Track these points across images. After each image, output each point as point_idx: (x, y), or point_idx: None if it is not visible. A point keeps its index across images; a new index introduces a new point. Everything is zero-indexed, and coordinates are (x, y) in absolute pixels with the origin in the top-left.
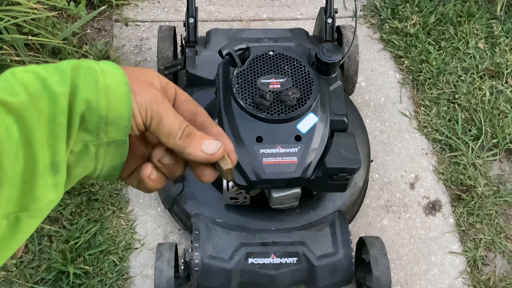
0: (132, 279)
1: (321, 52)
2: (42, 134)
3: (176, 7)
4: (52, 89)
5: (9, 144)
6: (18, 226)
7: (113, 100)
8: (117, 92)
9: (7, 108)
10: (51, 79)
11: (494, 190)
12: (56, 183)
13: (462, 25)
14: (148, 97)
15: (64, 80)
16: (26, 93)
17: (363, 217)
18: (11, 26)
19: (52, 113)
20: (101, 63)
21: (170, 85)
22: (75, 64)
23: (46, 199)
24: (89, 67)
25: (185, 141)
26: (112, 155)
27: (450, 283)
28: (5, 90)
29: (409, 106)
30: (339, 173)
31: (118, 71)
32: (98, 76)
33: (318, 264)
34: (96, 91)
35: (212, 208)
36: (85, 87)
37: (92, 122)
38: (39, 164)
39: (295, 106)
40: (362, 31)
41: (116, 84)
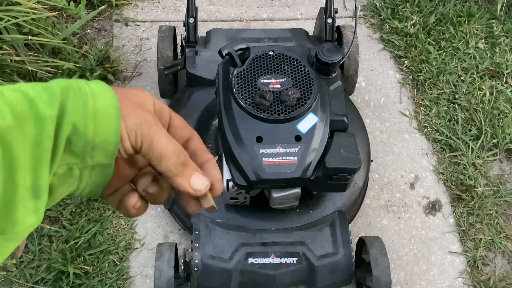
0: (132, 279)
1: (321, 52)
2: (25, 158)
3: (176, 7)
4: (40, 111)
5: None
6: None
7: (101, 125)
8: (106, 117)
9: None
10: (40, 101)
11: (494, 190)
12: (37, 207)
13: (462, 25)
14: (139, 120)
15: (52, 102)
16: (13, 114)
17: (363, 217)
18: (11, 26)
19: (38, 137)
20: (92, 84)
21: (164, 109)
22: (65, 86)
23: (25, 224)
24: (80, 88)
25: (178, 169)
26: (96, 176)
27: (450, 283)
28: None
29: (409, 106)
30: (339, 173)
31: (109, 94)
32: (88, 99)
33: (318, 264)
34: (84, 115)
35: None
36: (73, 110)
37: (78, 146)
38: (20, 188)
39: (295, 106)
40: (362, 31)
41: (105, 108)
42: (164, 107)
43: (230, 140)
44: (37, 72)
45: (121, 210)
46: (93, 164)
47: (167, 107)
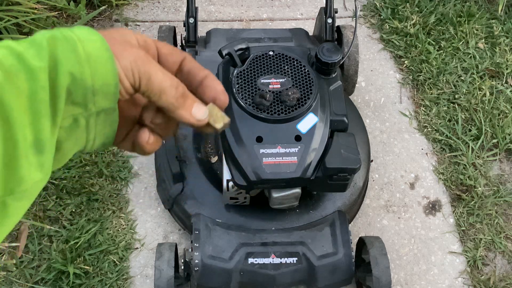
0: (132, 279)
1: (321, 52)
2: (21, 112)
3: (176, 7)
4: (30, 64)
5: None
6: (6, 211)
7: (97, 68)
8: (99, 59)
9: None
10: (27, 54)
11: (494, 190)
12: (42, 162)
13: (462, 25)
14: (132, 57)
15: (41, 54)
16: (2, 70)
17: (363, 217)
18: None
19: (32, 89)
20: (76, 29)
21: (149, 42)
22: (50, 36)
23: (31, 180)
24: (65, 37)
25: (179, 101)
26: (102, 124)
27: (450, 283)
28: None
29: (409, 106)
30: (339, 173)
31: (96, 36)
32: (77, 45)
33: (318, 264)
34: (78, 61)
35: (212, 208)
36: (66, 59)
37: (78, 95)
38: (20, 144)
39: (295, 106)
40: (362, 31)
41: (96, 50)
42: (148, 39)
43: (230, 140)
44: None
45: (137, 150)
46: (97, 110)
47: (150, 39)
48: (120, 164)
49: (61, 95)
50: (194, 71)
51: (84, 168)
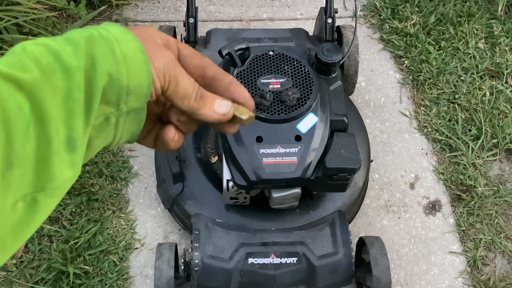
0: (132, 279)
1: (321, 52)
2: (56, 111)
3: (176, 7)
4: (66, 63)
5: (20, 123)
6: (36, 207)
7: (132, 69)
8: (135, 60)
9: (18, 84)
10: (64, 53)
11: (494, 190)
12: (73, 160)
13: (462, 25)
14: (165, 60)
15: (78, 53)
16: (38, 68)
17: (363, 217)
18: (11, 26)
19: (67, 88)
20: (110, 28)
21: (171, 41)
22: (88, 35)
23: (62, 178)
24: (102, 36)
25: (199, 103)
26: (130, 122)
27: (450, 283)
28: (16, 66)
29: (409, 106)
30: (339, 173)
31: (130, 37)
32: (114, 45)
33: (318, 264)
34: (115, 62)
35: (212, 208)
36: (103, 59)
37: (113, 94)
38: (53, 141)
39: (295, 106)
40: (362, 31)
41: (132, 51)
42: (170, 38)
43: (230, 140)
44: None
45: (159, 146)
46: (128, 110)
47: (172, 39)
48: (120, 164)
49: (96, 95)
50: (219, 76)
51: (84, 168)
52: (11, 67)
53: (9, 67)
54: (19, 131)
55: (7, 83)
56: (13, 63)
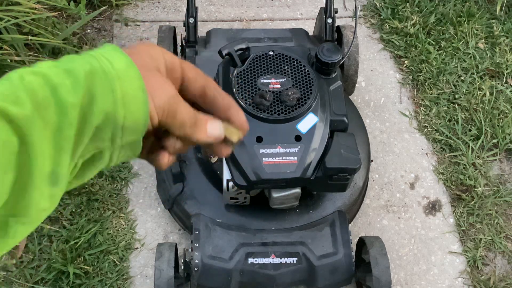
0: (132, 279)
1: (321, 52)
2: (44, 146)
3: (176, 7)
4: (62, 98)
5: (5, 155)
6: (6, 230)
7: (131, 109)
8: (135, 100)
9: (8, 118)
10: (62, 87)
11: (494, 190)
12: (53, 194)
13: (462, 25)
14: (166, 97)
15: (76, 88)
16: (32, 102)
17: (363, 217)
18: (11, 26)
19: (59, 124)
20: (115, 59)
21: (176, 65)
22: (90, 70)
23: (38, 208)
24: (105, 71)
25: (193, 129)
26: (125, 152)
27: (450, 283)
28: (9, 98)
29: (409, 106)
30: (339, 173)
31: (133, 72)
32: (115, 83)
33: (318, 264)
34: (114, 101)
35: (212, 208)
36: (102, 98)
37: (107, 132)
38: (36, 175)
39: (295, 106)
40: (362, 31)
41: (133, 91)
42: (175, 61)
43: None
44: None
45: (153, 163)
46: (123, 144)
47: (178, 60)
48: (120, 164)
49: (88, 133)
50: (218, 99)
51: None
52: (5, 99)
53: (2, 99)
54: (2, 163)
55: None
56: (7, 95)
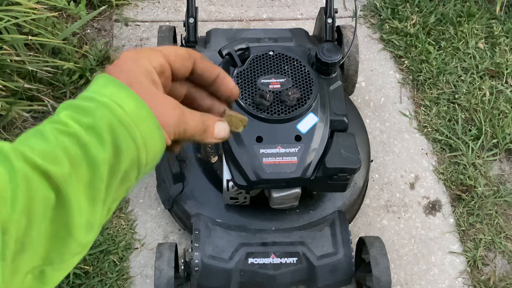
0: (132, 279)
1: (321, 52)
2: (79, 199)
3: (176, 7)
4: (93, 155)
5: (43, 212)
6: (43, 279)
7: (151, 148)
8: (153, 140)
9: (48, 177)
10: (92, 145)
11: (494, 190)
12: (88, 240)
13: (462, 25)
14: (175, 121)
15: (104, 145)
16: (68, 160)
17: (363, 217)
18: (11, 26)
19: (91, 179)
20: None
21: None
22: (109, 124)
23: (72, 254)
24: (122, 122)
25: (201, 136)
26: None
27: (450, 283)
28: (49, 157)
29: (409, 106)
30: (339, 173)
31: (145, 111)
32: (134, 131)
33: (318, 264)
34: (137, 148)
35: (212, 208)
36: (127, 149)
37: (134, 172)
38: (72, 227)
39: (295, 106)
40: (362, 31)
41: (150, 132)
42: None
43: (230, 140)
44: (37, 72)
45: None
46: (145, 172)
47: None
48: None
49: (117, 181)
50: (207, 73)
51: None
52: (45, 158)
53: (43, 159)
54: (40, 219)
55: (39, 174)
56: (47, 154)
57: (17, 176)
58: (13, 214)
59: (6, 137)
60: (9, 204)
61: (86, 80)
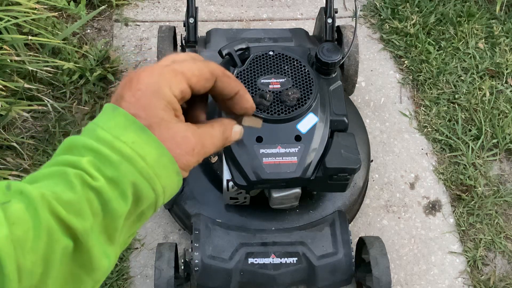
0: (132, 279)
1: (321, 52)
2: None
3: (176, 7)
4: (115, 209)
5: (61, 261)
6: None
7: (168, 193)
8: (172, 185)
9: (70, 230)
10: (114, 201)
11: (494, 190)
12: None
13: (462, 25)
14: (195, 160)
15: (126, 200)
16: (91, 213)
17: (363, 217)
18: (11, 26)
19: (110, 225)
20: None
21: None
22: (132, 180)
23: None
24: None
25: (225, 142)
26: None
27: (450, 283)
28: (73, 209)
29: (409, 106)
30: (339, 173)
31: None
32: (155, 183)
33: (318, 264)
34: (156, 196)
35: (212, 208)
36: (146, 198)
37: (150, 212)
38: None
39: (295, 106)
40: (362, 31)
41: (170, 179)
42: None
43: None
44: (37, 72)
45: None
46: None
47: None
48: None
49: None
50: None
51: None
52: (70, 210)
53: (68, 211)
54: (58, 267)
55: (61, 225)
56: (72, 205)
57: (40, 226)
58: (30, 261)
59: (6, 137)
60: (28, 253)
61: (86, 80)
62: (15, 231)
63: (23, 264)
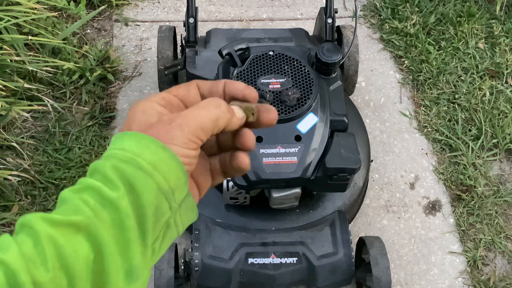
0: None
1: (321, 52)
2: (113, 244)
3: (176, 7)
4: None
5: (80, 265)
6: None
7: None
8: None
9: (75, 227)
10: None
11: (494, 190)
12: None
13: (462, 25)
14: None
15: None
16: (89, 207)
17: (363, 217)
18: (11, 26)
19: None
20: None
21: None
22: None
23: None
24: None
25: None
26: (185, 212)
27: (450, 283)
28: (69, 210)
29: (409, 106)
30: (339, 173)
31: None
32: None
33: (318, 264)
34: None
35: (212, 208)
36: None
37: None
38: (111, 276)
39: (295, 106)
40: (362, 31)
41: (179, 180)
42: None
43: None
44: (37, 72)
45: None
46: (178, 204)
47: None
48: None
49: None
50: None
51: (84, 168)
52: (65, 213)
53: (63, 214)
54: (81, 273)
55: (63, 229)
56: (66, 209)
57: (40, 238)
58: (47, 274)
59: (6, 137)
60: (41, 266)
61: (86, 80)
62: None
63: (42, 279)
